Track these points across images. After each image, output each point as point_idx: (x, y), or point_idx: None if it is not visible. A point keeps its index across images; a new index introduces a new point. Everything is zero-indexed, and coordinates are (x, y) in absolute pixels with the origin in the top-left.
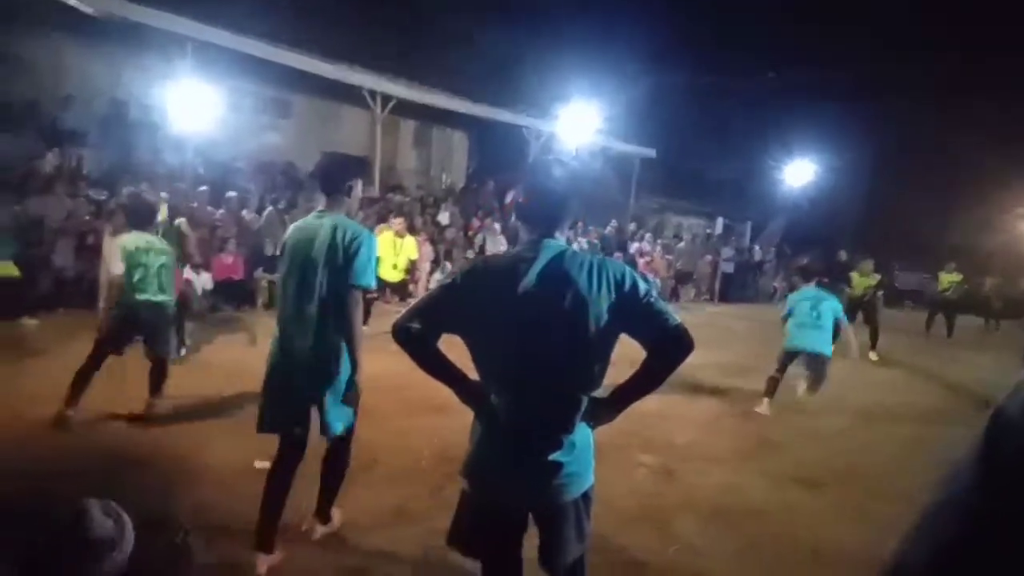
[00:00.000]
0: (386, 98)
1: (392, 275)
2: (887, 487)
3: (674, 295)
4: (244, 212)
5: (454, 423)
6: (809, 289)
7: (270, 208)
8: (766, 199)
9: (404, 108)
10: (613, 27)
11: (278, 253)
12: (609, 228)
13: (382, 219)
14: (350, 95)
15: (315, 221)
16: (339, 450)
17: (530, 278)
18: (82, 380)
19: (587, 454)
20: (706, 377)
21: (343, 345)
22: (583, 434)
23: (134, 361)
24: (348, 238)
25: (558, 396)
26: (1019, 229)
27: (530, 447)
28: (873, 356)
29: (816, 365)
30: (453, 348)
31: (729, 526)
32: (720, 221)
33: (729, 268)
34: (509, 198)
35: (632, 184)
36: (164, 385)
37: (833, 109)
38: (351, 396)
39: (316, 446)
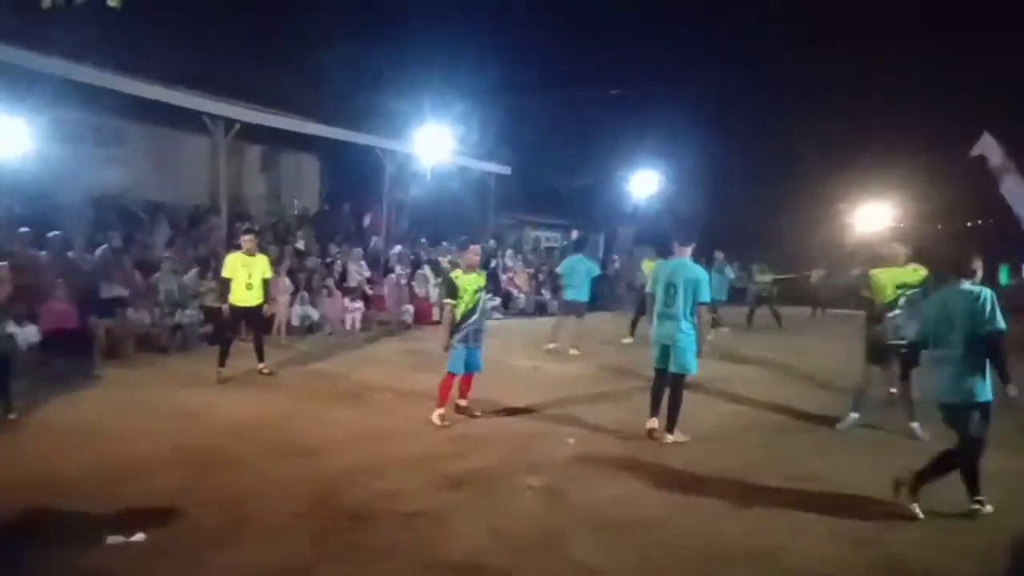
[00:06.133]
0: (228, 123)
1: (247, 298)
2: (763, 478)
3: (540, 308)
4: (70, 253)
5: (330, 465)
6: None
7: (104, 246)
8: (616, 209)
9: (249, 132)
10: (466, 47)
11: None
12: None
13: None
14: (189, 121)
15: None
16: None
17: (675, 268)
18: None
19: (690, 347)
20: (581, 390)
21: None
22: (690, 333)
23: None
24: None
25: (679, 313)
26: (842, 223)
27: (669, 328)
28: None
29: None
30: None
31: (622, 539)
32: (575, 233)
33: None
34: (367, 220)
35: (490, 201)
36: None
37: (672, 121)
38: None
39: None
